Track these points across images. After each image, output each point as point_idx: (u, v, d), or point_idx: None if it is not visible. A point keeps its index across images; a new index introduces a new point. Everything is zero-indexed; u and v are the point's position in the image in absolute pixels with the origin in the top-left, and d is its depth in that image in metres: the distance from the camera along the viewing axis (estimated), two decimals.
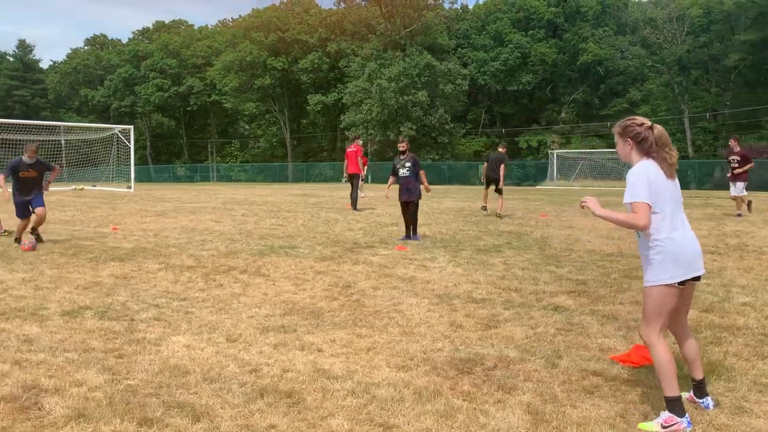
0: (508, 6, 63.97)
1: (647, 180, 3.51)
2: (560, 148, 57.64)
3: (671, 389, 3.47)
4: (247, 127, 76.69)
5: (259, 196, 24.84)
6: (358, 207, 16.99)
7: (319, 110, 67.04)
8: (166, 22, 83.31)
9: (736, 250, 9.33)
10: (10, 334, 5.24)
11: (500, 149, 16.32)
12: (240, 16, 76.69)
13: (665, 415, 3.45)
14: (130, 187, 27.19)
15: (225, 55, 67.55)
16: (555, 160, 45.57)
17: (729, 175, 15.88)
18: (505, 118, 66.16)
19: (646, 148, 3.63)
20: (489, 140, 66.50)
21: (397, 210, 16.78)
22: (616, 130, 3.78)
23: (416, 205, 10.47)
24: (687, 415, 3.46)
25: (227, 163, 75.34)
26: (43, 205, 10.05)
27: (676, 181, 3.66)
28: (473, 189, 36.56)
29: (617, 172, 39.79)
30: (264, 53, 65.46)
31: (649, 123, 3.66)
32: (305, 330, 5.35)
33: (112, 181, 30.72)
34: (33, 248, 9.62)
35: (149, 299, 6.49)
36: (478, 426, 3.46)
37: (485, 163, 16.26)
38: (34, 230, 10.21)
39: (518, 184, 57.67)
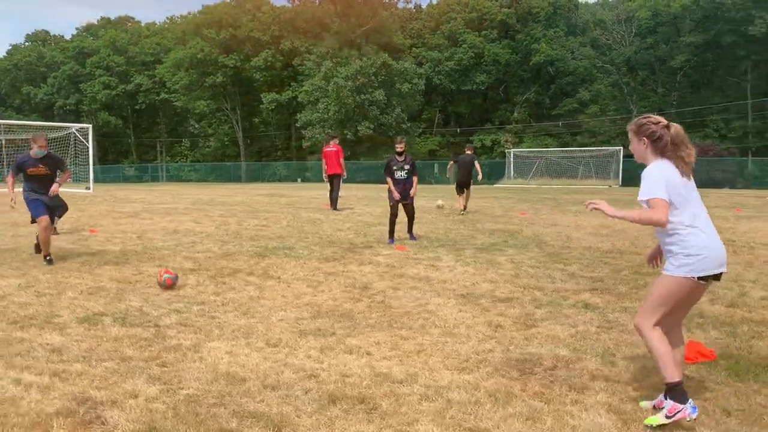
0: (461, 6, 64.56)
1: (664, 178, 3.50)
2: (513, 147, 58.55)
3: (671, 375, 3.46)
4: (197, 125, 75.16)
5: (226, 196, 24.35)
6: (337, 207, 16.75)
7: (272, 109, 66.31)
8: (112, 18, 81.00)
9: (725, 245, 9.57)
10: (32, 343, 4.95)
11: (468, 151, 16.55)
12: (189, 12, 75.21)
13: (669, 404, 3.43)
14: (89, 188, 26.28)
15: (175, 53, 66.16)
16: (512, 159, 46.23)
17: None
18: (460, 117, 66.81)
19: (661, 147, 3.59)
20: (444, 139, 67.07)
21: (378, 209, 16.77)
22: (631, 128, 3.73)
23: (412, 206, 10.38)
24: (690, 400, 3.44)
25: (177, 162, 73.79)
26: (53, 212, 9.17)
27: (692, 179, 3.62)
28: (436, 188, 36.78)
29: (572, 170, 40.70)
30: (215, 50, 64.35)
31: (666, 122, 3.61)
32: (344, 333, 5.23)
33: (70, 181, 29.40)
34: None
35: (164, 304, 6.24)
36: (569, 428, 3.42)
37: (450, 164, 16.45)
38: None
39: (473, 183, 58.50)
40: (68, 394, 3.91)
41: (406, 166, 10.02)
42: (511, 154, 46.77)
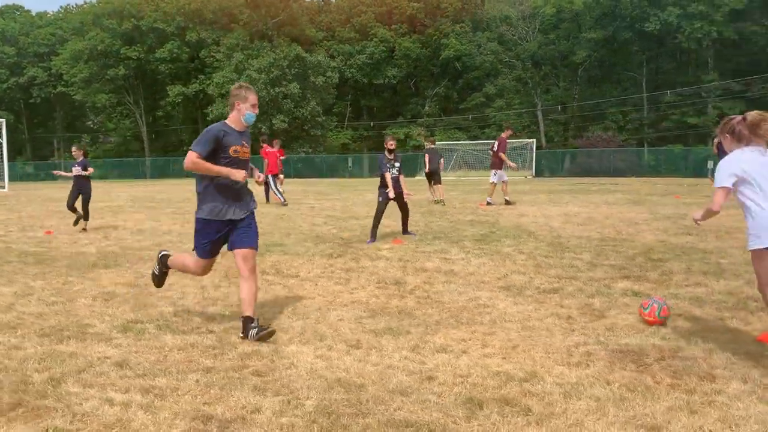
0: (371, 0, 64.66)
1: (730, 168, 4.06)
2: (425, 141, 59.21)
3: None
4: (96, 120, 71.29)
5: (158, 192, 23.21)
6: (285, 200, 16.96)
7: (179, 102, 63.95)
8: None
9: (706, 231, 10.05)
10: (87, 357, 4.43)
11: (432, 144, 16.92)
12: (86, 2, 70.94)
13: None
14: (4, 187, 24.22)
15: (73, 44, 62.35)
16: None
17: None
18: (372, 110, 66.97)
19: (739, 137, 4.15)
20: (356, 133, 67.09)
21: (326, 202, 16.54)
22: (717, 130, 4.40)
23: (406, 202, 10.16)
24: None
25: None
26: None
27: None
28: (351, 182, 36.70)
29: (488, 162, 41.74)
30: (117, 42, 61.28)
31: (740, 117, 4.11)
32: (420, 331, 5.02)
33: None
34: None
35: (198, 308, 5.79)
36: (741, 419, 3.38)
37: (426, 157, 16.86)
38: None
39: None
40: (183, 413, 3.51)
41: (396, 164, 9.84)
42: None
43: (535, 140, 47.08)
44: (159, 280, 5.64)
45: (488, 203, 15.38)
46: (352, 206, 15.65)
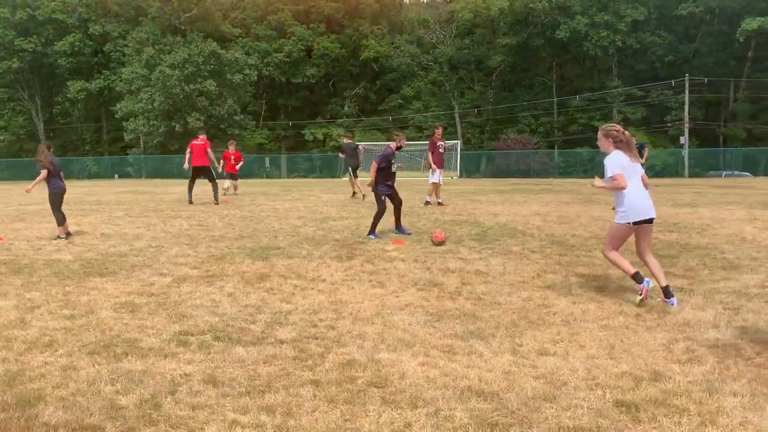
0: None
1: (619, 162, 5.57)
2: (345, 141, 58.94)
3: (629, 271, 5.64)
4: None
5: (93, 195, 21.82)
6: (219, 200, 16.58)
7: (81, 98, 60.44)
8: None
9: (688, 228, 10.40)
10: (161, 375, 3.95)
11: (348, 140, 18.65)
12: None
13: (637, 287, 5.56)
14: None
15: None
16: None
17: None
18: (289, 110, 65.95)
19: (617, 143, 5.69)
20: (272, 133, 65.81)
21: (285, 204, 15.99)
22: (612, 133, 5.72)
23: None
24: (645, 279, 5.54)
25: None
26: None
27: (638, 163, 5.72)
28: (268, 182, 35.98)
29: (415, 163, 42.03)
30: (10, 32, 57.05)
31: (620, 128, 5.74)
32: (503, 333, 4.83)
33: None
34: None
35: (241, 315, 5.33)
36: None
37: (343, 153, 17.58)
38: None
39: (304, 177, 57.96)
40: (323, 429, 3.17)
41: (394, 160, 9.67)
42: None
43: (459, 141, 47.77)
44: None
45: (427, 203, 15.18)
46: (316, 207, 15.23)
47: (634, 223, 5.57)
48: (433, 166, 14.68)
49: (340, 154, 20.20)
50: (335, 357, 4.32)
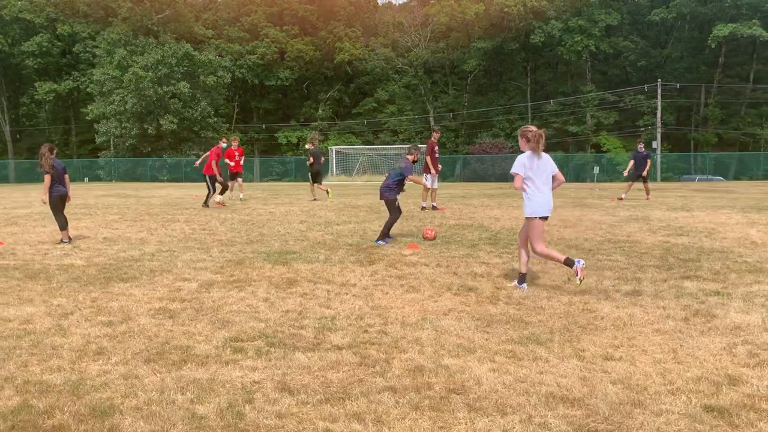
0: None
1: (524, 162, 6.15)
2: (320, 144, 58.71)
3: (560, 259, 6.18)
4: None
5: (75, 198, 21.22)
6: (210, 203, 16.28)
7: (50, 100, 59.20)
8: None
9: (695, 232, 10.52)
10: (230, 383, 3.83)
11: (313, 146, 18.57)
12: None
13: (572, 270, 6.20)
14: None
15: None
16: (333, 156, 46.33)
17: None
18: (262, 113, 65.46)
19: (528, 142, 6.22)
20: (245, 136, 65.19)
21: (281, 208, 15.83)
22: (528, 134, 6.22)
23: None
24: (576, 260, 6.20)
25: None
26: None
27: (544, 160, 6.23)
28: (270, 185, 35.63)
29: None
30: None
31: (535, 129, 6.21)
32: (560, 338, 4.78)
33: None
34: None
35: (287, 321, 5.21)
36: None
37: (311, 159, 17.46)
38: None
39: (278, 180, 57.48)
40: None
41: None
42: (333, 151, 46.86)
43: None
44: None
45: (423, 207, 15.08)
46: (312, 210, 15.10)
47: (540, 217, 6.21)
48: (432, 170, 14.61)
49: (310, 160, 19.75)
50: (401, 363, 4.23)
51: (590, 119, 56.64)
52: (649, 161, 18.28)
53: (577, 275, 6.07)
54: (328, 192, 18.94)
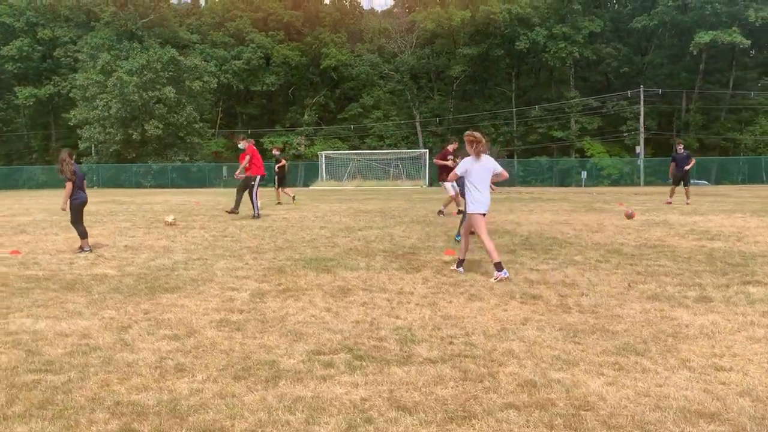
0: (246, 4, 62.80)
1: (465, 166, 7.10)
2: (305, 150, 58.50)
3: (493, 257, 6.93)
4: None
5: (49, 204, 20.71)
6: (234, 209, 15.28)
7: (30, 105, 58.12)
8: None
9: (725, 236, 10.48)
10: (340, 401, 3.59)
11: (278, 151, 19.66)
12: None
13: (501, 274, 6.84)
14: None
15: None
16: (323, 161, 46.00)
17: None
18: (247, 118, 64.93)
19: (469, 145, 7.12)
20: (229, 141, 64.58)
21: (294, 214, 15.54)
22: (466, 138, 7.17)
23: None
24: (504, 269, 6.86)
25: None
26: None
27: (483, 162, 7.09)
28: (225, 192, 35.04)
29: (384, 172, 41.88)
30: None
31: (477, 135, 7.10)
32: (655, 348, 4.60)
33: None
34: None
35: (362, 333, 4.96)
36: None
37: (277, 165, 19.31)
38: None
39: (264, 186, 57.01)
40: None
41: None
42: (323, 156, 46.53)
43: (428, 150, 47.70)
44: None
45: (440, 212, 14.82)
46: (326, 216, 14.85)
47: (481, 213, 7.08)
48: (450, 177, 14.34)
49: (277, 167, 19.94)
50: (507, 378, 4.01)
51: (574, 124, 57.03)
52: (692, 161, 18.20)
53: (494, 278, 6.82)
54: (294, 198, 19.73)
